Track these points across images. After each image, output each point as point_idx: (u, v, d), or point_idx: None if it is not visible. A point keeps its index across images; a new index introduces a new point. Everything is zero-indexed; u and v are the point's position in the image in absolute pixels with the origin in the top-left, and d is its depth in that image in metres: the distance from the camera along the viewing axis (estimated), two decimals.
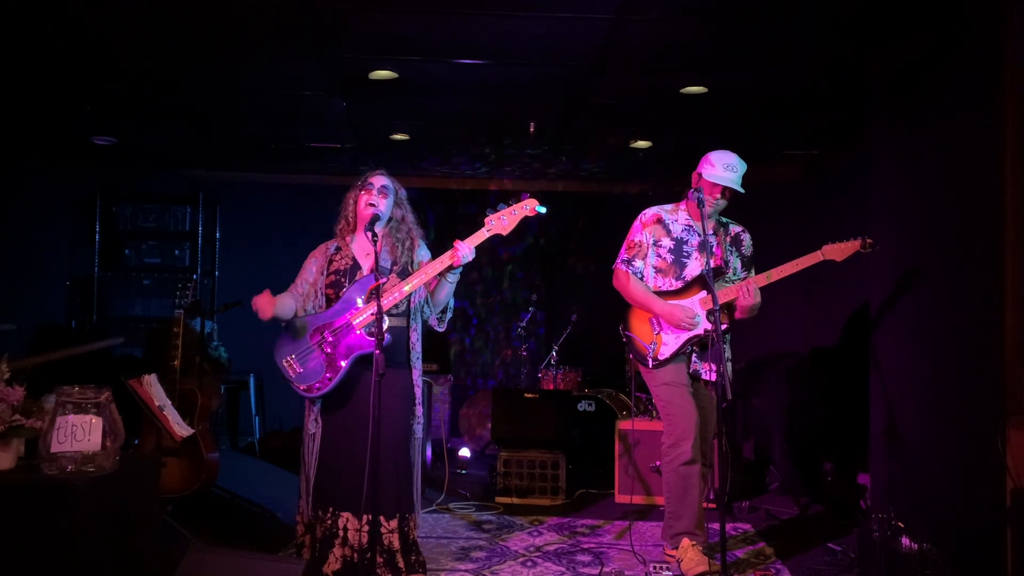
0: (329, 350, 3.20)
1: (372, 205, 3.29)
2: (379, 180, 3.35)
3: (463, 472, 5.74)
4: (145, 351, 6.05)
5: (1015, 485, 2.88)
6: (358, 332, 3.17)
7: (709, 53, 3.92)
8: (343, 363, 3.18)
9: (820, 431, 5.34)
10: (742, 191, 3.56)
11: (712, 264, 3.65)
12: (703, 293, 3.63)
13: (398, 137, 5.73)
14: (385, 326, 3.01)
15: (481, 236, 3.19)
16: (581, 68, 4.15)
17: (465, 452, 5.90)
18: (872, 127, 4.13)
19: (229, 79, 4.45)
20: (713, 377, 3.55)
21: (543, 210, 3.19)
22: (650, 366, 3.68)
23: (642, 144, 5.77)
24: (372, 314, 2.97)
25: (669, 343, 3.65)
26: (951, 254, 3.37)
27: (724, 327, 3.61)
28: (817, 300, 5.88)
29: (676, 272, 3.70)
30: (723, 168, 3.54)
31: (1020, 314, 2.95)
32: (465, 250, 3.16)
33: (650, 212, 3.79)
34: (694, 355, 3.68)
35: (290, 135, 5.76)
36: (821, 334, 5.77)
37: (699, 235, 3.69)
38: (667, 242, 3.72)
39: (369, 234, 3.10)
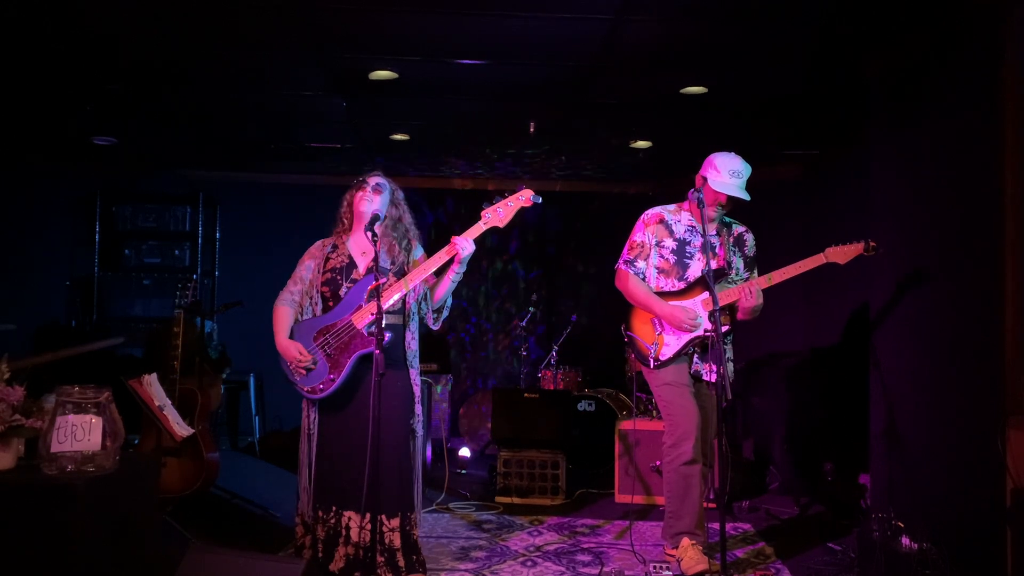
0: (332, 351, 3.21)
1: (367, 200, 3.30)
2: (373, 179, 3.37)
3: (463, 472, 5.74)
4: (145, 351, 6.05)
5: (1015, 485, 2.88)
6: (359, 332, 3.17)
7: (709, 53, 3.92)
8: (346, 363, 3.18)
9: (820, 431, 5.34)
10: (748, 199, 3.54)
11: (715, 265, 3.64)
12: (705, 294, 3.62)
13: (398, 137, 5.73)
14: (383, 324, 3.01)
15: (479, 229, 3.20)
16: (581, 68, 4.15)
17: (465, 452, 5.90)
18: (872, 127, 4.12)
19: (229, 79, 4.45)
20: (714, 378, 3.55)
21: (539, 200, 3.19)
22: (652, 366, 3.67)
23: (642, 144, 5.77)
24: (373, 314, 2.97)
25: (671, 344, 3.65)
26: (951, 254, 3.37)
27: (726, 328, 3.61)
28: (817, 300, 5.88)
29: (679, 273, 3.70)
30: (729, 175, 3.52)
31: (1020, 314, 2.95)
32: (464, 243, 3.17)
33: (652, 212, 3.78)
34: (696, 356, 3.68)
35: (290, 135, 5.76)
36: (821, 334, 5.77)
37: (702, 236, 3.69)
38: (670, 243, 3.71)
39: (369, 234, 3.10)
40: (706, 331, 3.55)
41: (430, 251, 3.32)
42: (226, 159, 6.63)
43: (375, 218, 3.21)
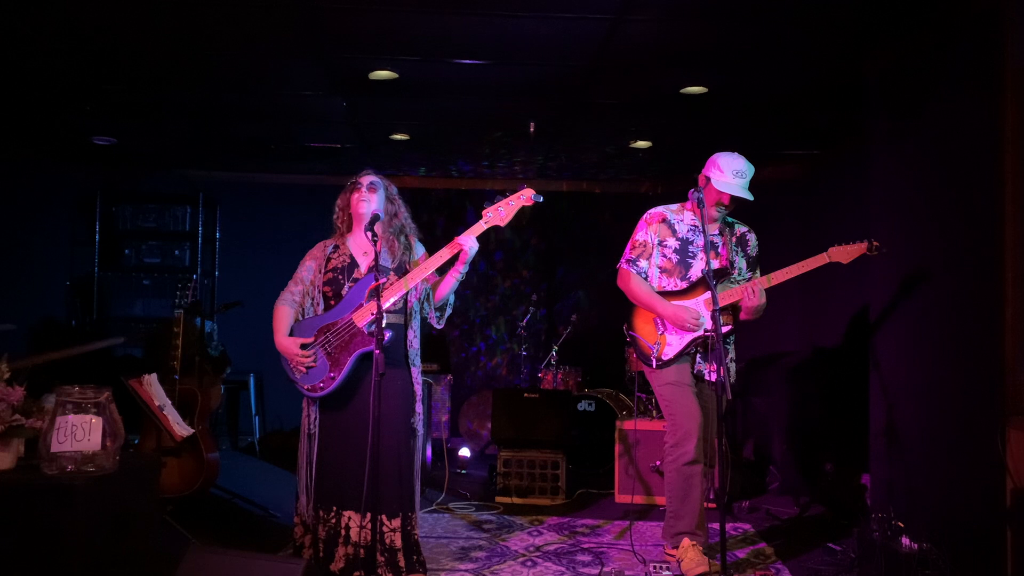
0: (332, 349, 3.21)
1: (364, 201, 3.30)
2: (367, 178, 3.37)
3: (463, 472, 5.74)
4: (145, 351, 6.06)
5: (1015, 485, 2.88)
6: (360, 331, 3.18)
7: (709, 53, 3.92)
8: (347, 362, 3.18)
9: (820, 431, 5.34)
10: (751, 199, 3.54)
11: (717, 265, 3.64)
12: (708, 294, 3.61)
13: (398, 137, 5.73)
14: (384, 324, 3.01)
15: (480, 228, 3.20)
16: (581, 68, 4.15)
17: (465, 452, 5.90)
18: (872, 126, 4.12)
19: (229, 79, 4.45)
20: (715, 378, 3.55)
21: (540, 199, 3.20)
22: (654, 366, 3.67)
23: (642, 144, 5.77)
24: (373, 313, 2.97)
25: (673, 344, 3.65)
26: (951, 254, 3.37)
27: (728, 328, 3.61)
28: (817, 300, 5.87)
29: (681, 272, 3.70)
30: (732, 175, 3.52)
31: (1020, 314, 2.95)
32: (468, 242, 3.17)
33: (655, 212, 3.77)
34: (698, 355, 3.67)
35: (290, 135, 5.76)
36: (821, 334, 5.77)
37: (704, 235, 3.68)
38: (672, 242, 3.71)
39: (369, 234, 3.10)
40: (707, 331, 3.55)
41: (431, 251, 3.32)
42: (226, 159, 6.63)
43: (375, 218, 3.20)
